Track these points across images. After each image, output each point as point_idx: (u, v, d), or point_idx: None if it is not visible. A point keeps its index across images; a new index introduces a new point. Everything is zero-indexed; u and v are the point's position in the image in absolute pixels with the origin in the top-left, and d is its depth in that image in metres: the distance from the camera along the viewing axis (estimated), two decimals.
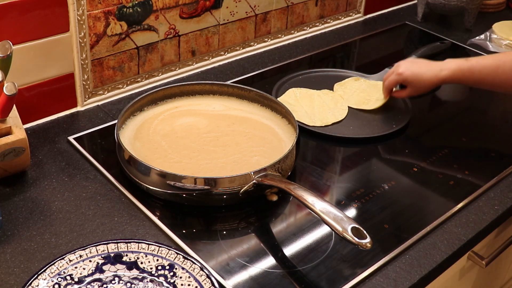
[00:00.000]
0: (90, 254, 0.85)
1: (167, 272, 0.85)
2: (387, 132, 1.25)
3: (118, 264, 0.85)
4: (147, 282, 0.84)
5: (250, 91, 1.24)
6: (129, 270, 0.85)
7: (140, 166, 1.02)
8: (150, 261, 0.86)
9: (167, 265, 0.86)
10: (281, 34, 1.59)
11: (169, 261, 0.86)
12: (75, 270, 0.82)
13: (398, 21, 1.80)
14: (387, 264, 0.94)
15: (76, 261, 0.83)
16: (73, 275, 0.81)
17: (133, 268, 0.85)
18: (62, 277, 0.81)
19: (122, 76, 1.31)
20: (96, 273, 0.83)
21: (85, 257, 0.84)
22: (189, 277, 0.85)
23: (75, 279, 0.81)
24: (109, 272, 0.84)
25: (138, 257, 0.86)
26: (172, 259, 0.87)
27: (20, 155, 1.02)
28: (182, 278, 0.85)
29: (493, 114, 1.38)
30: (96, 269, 0.83)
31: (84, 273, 0.82)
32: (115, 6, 1.22)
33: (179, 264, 0.86)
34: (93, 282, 0.82)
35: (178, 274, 0.85)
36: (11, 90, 0.97)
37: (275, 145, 1.13)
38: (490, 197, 1.10)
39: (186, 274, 0.85)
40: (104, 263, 0.84)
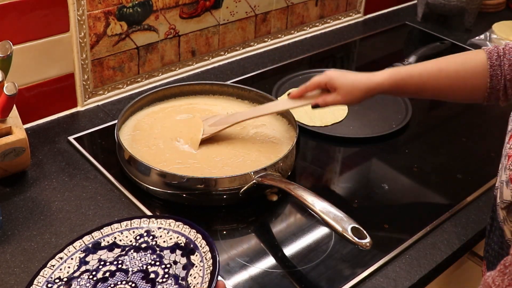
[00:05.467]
0: (69, 253, 0.86)
1: (147, 238, 0.87)
2: (387, 132, 1.25)
3: (99, 250, 0.86)
4: (132, 253, 0.85)
5: (250, 91, 1.24)
6: (111, 251, 0.86)
7: (140, 166, 1.02)
8: (128, 236, 0.88)
9: (144, 232, 0.88)
10: (281, 34, 1.59)
11: (144, 228, 0.88)
12: (61, 272, 0.83)
13: (398, 21, 1.80)
14: (387, 264, 0.94)
15: (58, 264, 0.84)
16: (61, 276, 0.83)
17: (114, 248, 0.87)
18: (51, 282, 0.82)
19: (122, 76, 1.31)
20: (82, 266, 0.84)
21: (65, 257, 0.85)
22: (168, 232, 0.87)
23: (64, 279, 0.82)
24: (93, 261, 0.85)
25: (115, 237, 0.88)
26: (146, 224, 0.88)
27: (20, 155, 1.02)
28: (162, 237, 0.86)
29: (493, 114, 1.38)
30: (80, 263, 0.85)
31: (70, 271, 0.83)
32: (115, 6, 1.22)
33: (154, 226, 0.88)
34: (82, 275, 0.83)
35: (157, 235, 0.87)
36: (11, 90, 0.97)
37: (275, 145, 1.13)
38: (490, 197, 1.10)
39: (164, 232, 0.87)
40: (86, 255, 0.86)
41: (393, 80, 1.01)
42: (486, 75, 0.98)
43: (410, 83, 1.01)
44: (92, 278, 0.82)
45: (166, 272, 0.82)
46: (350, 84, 1.03)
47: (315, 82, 1.06)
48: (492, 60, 0.97)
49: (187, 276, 0.80)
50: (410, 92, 1.04)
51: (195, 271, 0.80)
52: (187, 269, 0.81)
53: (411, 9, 1.87)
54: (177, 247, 0.84)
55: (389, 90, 1.02)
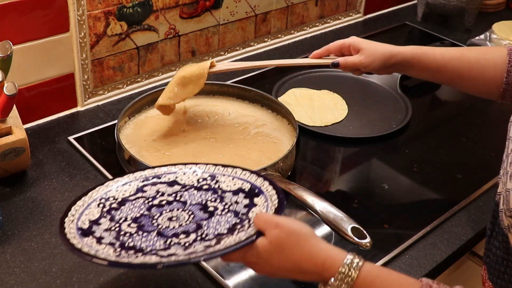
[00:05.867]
0: (129, 179, 0.86)
1: (210, 181, 0.86)
2: (387, 132, 1.25)
3: (159, 184, 0.86)
4: (192, 191, 0.84)
5: (250, 91, 1.24)
6: (170, 186, 0.85)
7: (140, 166, 1.02)
8: (190, 177, 0.87)
9: (208, 176, 0.86)
10: (281, 34, 1.59)
11: (209, 173, 0.87)
12: (116, 192, 0.83)
13: (398, 21, 1.80)
14: (387, 264, 0.94)
15: (115, 186, 0.84)
16: (116, 196, 0.83)
17: (174, 185, 0.86)
18: (105, 198, 0.82)
19: (122, 76, 1.31)
20: (138, 193, 0.84)
21: (123, 181, 0.85)
22: (233, 179, 0.85)
23: (117, 199, 0.82)
24: (151, 191, 0.84)
25: (176, 177, 0.87)
26: (212, 171, 0.87)
27: (20, 155, 1.02)
28: (225, 182, 0.85)
29: (493, 114, 1.38)
30: (137, 190, 0.84)
31: (126, 194, 0.83)
32: (115, 6, 1.22)
33: (218, 172, 0.86)
34: (138, 199, 0.83)
35: (220, 180, 0.85)
36: (11, 90, 0.97)
37: (275, 145, 1.13)
38: (490, 197, 1.10)
39: (228, 178, 0.85)
40: (144, 185, 0.85)
41: (415, 52, 1.03)
42: (503, 70, 0.99)
43: (431, 60, 1.02)
44: (147, 202, 0.82)
45: (225, 207, 0.81)
46: (374, 46, 1.04)
47: (339, 42, 1.08)
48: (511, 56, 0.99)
49: (248, 213, 0.79)
50: (430, 69, 1.04)
51: (257, 209, 0.79)
52: (248, 208, 0.80)
53: (411, 9, 1.87)
54: (240, 191, 0.83)
55: (410, 60, 1.03)
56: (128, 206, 0.81)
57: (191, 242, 0.75)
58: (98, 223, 0.79)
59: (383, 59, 1.03)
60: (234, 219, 0.78)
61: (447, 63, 1.02)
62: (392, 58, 1.03)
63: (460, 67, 1.02)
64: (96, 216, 0.80)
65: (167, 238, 0.76)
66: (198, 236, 0.76)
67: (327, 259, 0.71)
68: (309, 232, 0.74)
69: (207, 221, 0.78)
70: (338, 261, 0.71)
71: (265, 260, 0.73)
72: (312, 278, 0.73)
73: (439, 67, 1.02)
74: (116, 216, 0.81)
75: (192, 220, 0.79)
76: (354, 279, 0.69)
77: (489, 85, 1.01)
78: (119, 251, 0.74)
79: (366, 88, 1.41)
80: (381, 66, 1.04)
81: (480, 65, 1.00)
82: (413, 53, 1.03)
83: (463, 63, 1.01)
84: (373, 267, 0.71)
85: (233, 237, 0.75)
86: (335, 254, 0.72)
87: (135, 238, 0.76)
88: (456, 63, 1.01)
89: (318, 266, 0.71)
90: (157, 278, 0.89)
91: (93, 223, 0.79)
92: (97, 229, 0.78)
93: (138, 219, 0.80)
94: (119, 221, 0.80)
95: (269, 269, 0.74)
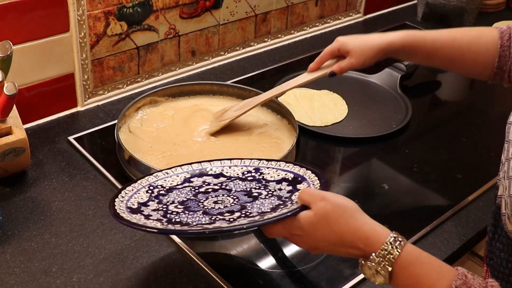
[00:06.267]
0: (176, 171, 0.88)
1: (254, 174, 0.87)
2: (387, 132, 1.25)
3: (205, 176, 0.88)
4: (237, 181, 0.86)
5: (250, 91, 1.24)
6: (216, 178, 0.87)
7: (140, 166, 1.02)
8: (235, 170, 0.89)
9: (253, 169, 0.88)
10: (281, 34, 1.59)
11: (253, 167, 0.89)
12: (164, 182, 0.86)
13: (398, 21, 1.80)
14: None
15: (163, 176, 0.87)
16: (163, 185, 0.85)
17: (219, 177, 0.88)
18: (153, 186, 0.85)
19: (122, 76, 1.31)
20: (185, 183, 0.86)
21: (171, 173, 0.87)
22: (276, 170, 0.87)
23: (166, 187, 0.85)
24: (198, 182, 0.86)
25: (222, 169, 0.89)
26: (256, 164, 0.89)
27: (20, 155, 1.02)
28: (269, 174, 0.87)
29: (493, 114, 1.38)
30: (184, 181, 0.87)
31: (173, 184, 0.86)
32: (115, 6, 1.22)
33: (263, 166, 0.88)
34: (184, 188, 0.85)
35: (264, 172, 0.87)
36: (11, 90, 0.97)
37: (275, 145, 1.13)
38: (490, 197, 1.10)
39: (272, 170, 0.87)
40: (191, 176, 0.87)
41: (406, 41, 1.01)
42: (495, 54, 0.98)
43: (423, 47, 1.01)
44: (194, 190, 0.84)
45: (269, 193, 0.82)
46: (363, 45, 1.03)
47: (327, 51, 1.07)
48: (503, 40, 0.98)
49: (291, 196, 0.80)
50: (421, 56, 1.03)
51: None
52: (291, 193, 0.81)
53: (411, 9, 1.87)
54: (283, 180, 0.85)
55: (401, 50, 1.02)
56: (175, 192, 0.84)
57: (235, 218, 0.76)
58: (146, 205, 0.82)
59: (374, 55, 1.03)
60: (277, 201, 0.79)
61: (439, 50, 1.01)
62: (382, 51, 1.03)
63: (452, 53, 1.01)
64: (145, 200, 0.83)
65: (212, 216, 0.78)
66: (242, 214, 0.77)
67: (372, 234, 0.71)
68: (354, 206, 0.74)
69: (251, 204, 0.80)
70: (382, 237, 0.70)
71: (309, 232, 0.73)
72: (353, 252, 0.72)
73: (430, 54, 1.02)
74: (163, 200, 0.83)
75: (236, 203, 0.80)
76: (396, 257, 0.69)
77: (480, 69, 1.01)
78: (166, 225, 0.75)
79: (366, 88, 1.41)
80: (374, 61, 1.04)
81: (472, 50, 1.00)
82: (404, 42, 1.01)
83: (455, 49, 1.00)
84: (414, 248, 0.71)
85: (276, 213, 0.75)
86: (380, 230, 0.71)
87: (182, 216, 0.78)
88: (448, 49, 1.01)
89: (362, 240, 0.71)
90: (157, 278, 0.89)
91: (141, 205, 0.81)
92: (145, 209, 0.80)
93: (185, 202, 0.82)
94: (166, 204, 0.82)
95: (311, 242, 0.74)
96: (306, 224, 0.72)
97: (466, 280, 0.67)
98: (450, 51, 1.01)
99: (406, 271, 0.69)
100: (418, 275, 0.69)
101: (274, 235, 0.75)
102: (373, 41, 1.03)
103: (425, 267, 0.70)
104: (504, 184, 0.82)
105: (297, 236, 0.74)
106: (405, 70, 1.40)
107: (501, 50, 0.98)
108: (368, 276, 0.71)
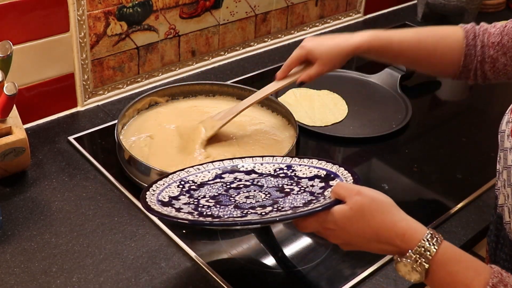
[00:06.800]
0: (207, 167, 0.88)
1: (286, 171, 0.86)
2: (387, 132, 1.25)
3: (236, 172, 0.87)
4: (269, 178, 0.85)
5: (250, 91, 1.23)
6: (248, 175, 0.87)
7: (140, 166, 1.02)
8: (267, 167, 0.88)
9: (285, 167, 0.87)
10: (281, 34, 1.59)
11: (285, 164, 0.88)
12: (196, 177, 0.86)
13: (398, 21, 1.80)
14: (387, 264, 0.94)
15: (194, 172, 0.86)
16: (194, 180, 0.85)
17: (251, 173, 0.87)
18: (185, 181, 0.84)
19: (122, 76, 1.31)
20: (217, 179, 0.86)
21: (203, 169, 0.87)
22: (308, 168, 0.86)
23: (197, 183, 0.84)
24: (229, 178, 0.86)
25: (254, 166, 0.88)
26: (289, 162, 0.88)
27: (20, 155, 1.02)
28: (301, 171, 0.86)
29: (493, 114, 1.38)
30: (216, 177, 0.86)
31: (204, 179, 0.85)
32: (115, 6, 1.22)
33: (295, 163, 0.87)
34: (216, 183, 0.84)
35: (297, 169, 0.86)
36: (11, 90, 0.97)
37: (275, 145, 1.13)
38: (490, 197, 1.10)
39: (304, 167, 0.86)
40: (223, 173, 0.87)
41: (372, 44, 1.01)
42: (461, 53, 0.99)
43: (389, 49, 1.02)
44: (225, 185, 0.83)
45: (301, 189, 0.81)
46: (329, 51, 1.02)
47: (294, 58, 1.06)
48: (468, 39, 0.99)
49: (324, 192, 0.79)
50: (387, 57, 1.05)
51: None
52: (324, 189, 0.80)
53: (411, 9, 1.87)
54: (316, 177, 0.84)
55: (367, 52, 1.03)
56: (206, 187, 0.84)
57: (267, 212, 0.76)
58: (177, 199, 0.81)
59: (342, 60, 1.04)
60: (310, 197, 0.79)
61: (404, 51, 1.01)
62: (349, 55, 1.03)
63: (418, 54, 1.02)
64: (176, 194, 0.83)
65: (244, 210, 0.77)
66: (274, 208, 0.77)
67: (408, 230, 0.70)
68: (391, 201, 0.73)
69: (283, 199, 0.79)
70: (419, 234, 0.70)
71: (343, 227, 0.72)
72: (388, 248, 0.72)
73: (397, 55, 1.03)
74: (195, 194, 0.83)
75: (268, 198, 0.80)
76: (433, 254, 0.68)
77: (446, 68, 1.02)
78: (197, 217, 0.75)
79: (366, 88, 1.41)
80: (342, 64, 1.05)
81: (438, 51, 1.01)
82: (370, 45, 1.01)
83: (421, 50, 1.01)
84: (450, 245, 0.70)
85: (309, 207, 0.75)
86: (416, 226, 0.71)
87: (213, 209, 0.78)
88: (414, 51, 1.01)
89: (398, 236, 0.70)
90: (157, 278, 0.89)
91: (172, 198, 0.81)
92: (176, 203, 0.80)
93: (216, 196, 0.82)
94: (197, 198, 0.81)
95: (346, 237, 0.73)
96: (341, 218, 0.72)
97: (502, 278, 0.66)
98: (416, 52, 1.02)
99: (443, 268, 0.68)
100: (455, 273, 0.68)
101: (307, 229, 0.75)
102: (340, 46, 1.03)
103: (462, 264, 0.69)
104: (505, 192, 0.81)
105: (330, 230, 0.73)
106: (405, 70, 1.40)
107: (467, 49, 0.98)
108: (403, 273, 0.70)
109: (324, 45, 1.03)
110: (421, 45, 1.01)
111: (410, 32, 1.03)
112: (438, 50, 1.00)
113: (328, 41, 1.04)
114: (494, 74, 0.98)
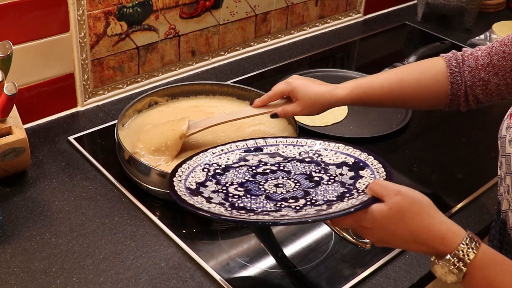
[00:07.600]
0: (231, 148, 0.87)
1: (312, 154, 0.86)
2: (387, 132, 1.25)
3: (260, 154, 0.87)
4: (295, 162, 0.84)
5: (250, 91, 1.23)
6: (272, 158, 0.86)
7: (140, 166, 1.02)
8: (292, 150, 0.87)
9: (310, 150, 0.87)
10: (281, 34, 1.59)
11: (311, 148, 0.87)
12: (219, 159, 0.85)
13: (398, 21, 1.80)
14: (387, 264, 0.94)
15: (218, 153, 0.86)
16: (219, 163, 0.84)
17: (276, 156, 0.87)
18: (209, 164, 0.84)
19: (122, 76, 1.31)
20: (241, 162, 0.85)
21: (226, 151, 0.87)
22: (335, 153, 0.85)
23: (221, 165, 0.84)
24: (253, 160, 0.85)
25: (278, 148, 0.88)
26: (313, 144, 0.87)
27: (20, 155, 1.02)
28: (328, 156, 0.85)
29: (493, 114, 1.38)
30: (240, 159, 0.86)
31: (229, 162, 0.85)
32: (115, 6, 1.22)
33: (320, 147, 0.86)
34: (241, 167, 0.84)
35: (322, 154, 0.85)
36: (11, 90, 0.97)
37: None
38: (491, 197, 1.10)
39: (331, 153, 0.85)
40: (246, 155, 0.86)
41: (355, 94, 1.00)
42: (446, 82, 0.99)
43: (372, 95, 1.01)
44: (251, 170, 0.83)
45: (331, 178, 0.81)
46: (312, 97, 1.00)
47: (278, 91, 1.05)
48: (451, 67, 0.99)
49: (355, 183, 0.79)
50: (373, 103, 1.03)
51: (364, 181, 0.79)
52: (355, 179, 0.79)
53: (411, 9, 1.87)
54: (344, 164, 0.83)
55: (351, 103, 1.02)
56: (232, 172, 0.83)
57: (301, 206, 0.76)
58: (204, 185, 0.81)
59: (321, 109, 1.02)
60: (341, 188, 0.78)
61: (388, 94, 1.00)
62: (331, 106, 1.02)
63: (402, 93, 1.00)
64: (202, 179, 0.82)
65: (277, 202, 0.77)
66: (308, 201, 0.76)
67: (448, 233, 0.70)
68: (430, 203, 0.73)
69: (314, 189, 0.79)
70: (458, 237, 0.70)
71: (380, 226, 0.72)
72: (425, 250, 0.72)
73: (381, 99, 1.01)
74: (221, 180, 0.82)
75: (299, 188, 0.79)
76: (471, 258, 0.69)
77: (435, 100, 1.01)
78: (230, 210, 0.75)
79: None
80: (320, 112, 1.03)
81: (421, 86, 1.00)
82: (353, 96, 1.00)
83: (404, 89, 1.00)
84: (489, 249, 0.70)
85: (345, 203, 0.75)
86: (456, 229, 0.71)
87: (244, 200, 0.77)
88: (397, 90, 1.00)
89: (437, 239, 0.70)
90: (157, 278, 0.89)
91: (199, 185, 0.81)
92: (205, 190, 0.79)
93: (244, 184, 0.81)
94: (225, 185, 0.81)
95: (382, 236, 0.73)
96: (379, 217, 0.72)
97: None
98: (399, 92, 1.00)
99: (481, 272, 0.69)
100: (493, 277, 0.68)
101: (342, 225, 0.76)
102: (324, 96, 1.00)
103: (500, 268, 0.69)
104: (509, 198, 0.81)
105: (366, 228, 0.74)
106: None
107: (452, 77, 0.98)
108: (439, 274, 0.70)
109: (309, 89, 1.01)
110: (403, 83, 1.00)
111: (391, 73, 1.02)
112: (421, 84, 1.00)
113: (314, 87, 1.02)
114: (486, 96, 0.98)
